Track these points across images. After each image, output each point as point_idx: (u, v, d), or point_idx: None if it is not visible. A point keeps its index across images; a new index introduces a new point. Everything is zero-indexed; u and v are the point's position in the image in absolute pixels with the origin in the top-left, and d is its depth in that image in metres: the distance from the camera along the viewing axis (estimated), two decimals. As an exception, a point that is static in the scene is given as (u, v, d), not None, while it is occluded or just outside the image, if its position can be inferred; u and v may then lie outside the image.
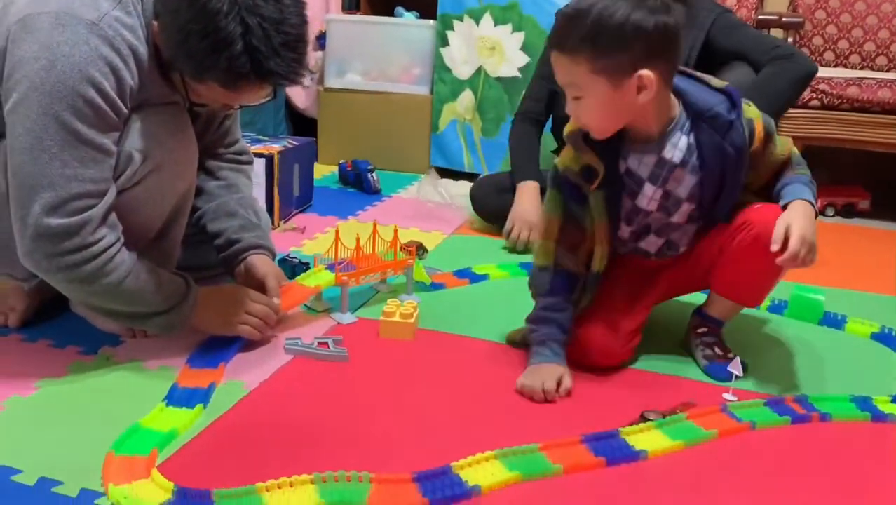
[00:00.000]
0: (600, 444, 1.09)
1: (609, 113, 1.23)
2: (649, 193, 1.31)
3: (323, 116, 2.94)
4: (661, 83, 1.20)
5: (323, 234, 2.07)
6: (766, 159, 1.32)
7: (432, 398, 1.24)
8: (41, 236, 1.11)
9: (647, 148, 1.28)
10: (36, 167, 1.10)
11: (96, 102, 1.12)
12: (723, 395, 1.28)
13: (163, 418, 1.10)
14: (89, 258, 1.14)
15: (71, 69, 1.09)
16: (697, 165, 1.29)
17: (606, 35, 1.15)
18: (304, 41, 1.16)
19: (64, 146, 1.10)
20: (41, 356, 1.30)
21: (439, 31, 2.77)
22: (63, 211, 1.11)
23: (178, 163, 1.28)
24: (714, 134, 1.26)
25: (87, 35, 1.11)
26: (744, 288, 1.37)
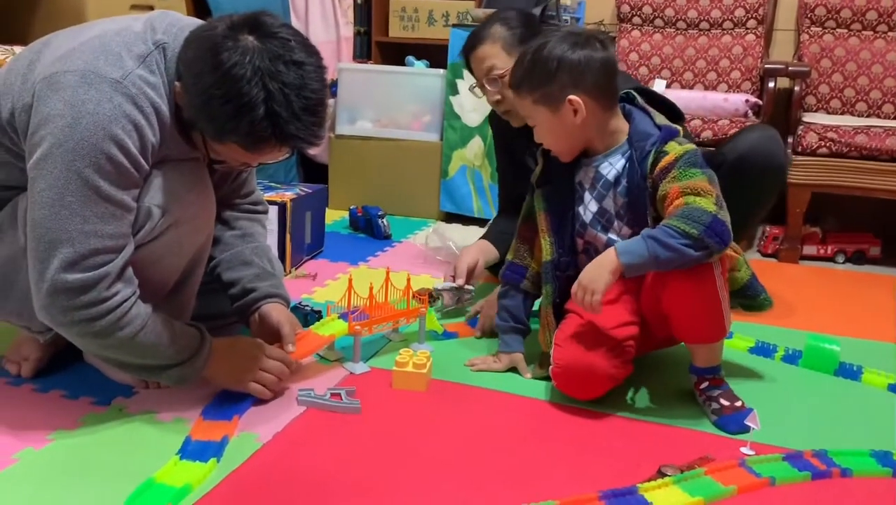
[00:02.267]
0: (618, 500, 1.08)
1: (558, 136, 1.42)
2: (588, 204, 1.45)
3: (334, 163, 2.97)
4: (596, 107, 1.37)
5: (335, 281, 2.07)
6: (660, 192, 1.33)
7: (447, 451, 1.22)
8: (58, 291, 1.12)
9: (590, 162, 1.44)
10: (56, 222, 1.11)
11: (118, 160, 1.13)
12: (741, 448, 1.26)
13: (176, 473, 1.10)
14: (104, 313, 1.14)
15: (95, 127, 1.11)
16: (626, 188, 1.39)
17: (538, 70, 1.36)
18: (323, 105, 1.18)
19: (85, 202, 1.11)
20: (54, 407, 1.30)
21: (449, 80, 2.81)
22: (81, 267, 1.12)
23: (196, 217, 1.29)
24: (635, 161, 1.38)
25: (111, 93, 1.13)
26: (698, 327, 1.36)
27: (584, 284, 1.30)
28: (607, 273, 1.28)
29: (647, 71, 2.89)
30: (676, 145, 1.35)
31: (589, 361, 1.35)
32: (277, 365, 1.35)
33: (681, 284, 1.29)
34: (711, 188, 1.30)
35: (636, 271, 1.29)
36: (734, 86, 2.79)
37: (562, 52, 1.35)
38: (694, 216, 1.25)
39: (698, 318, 1.33)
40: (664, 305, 1.34)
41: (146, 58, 1.17)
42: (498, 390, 1.45)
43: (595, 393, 1.38)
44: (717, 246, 1.25)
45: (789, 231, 2.53)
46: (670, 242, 1.24)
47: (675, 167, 1.32)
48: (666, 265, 1.26)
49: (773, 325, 1.83)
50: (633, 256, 1.27)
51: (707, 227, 1.24)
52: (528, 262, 1.55)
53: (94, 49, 1.15)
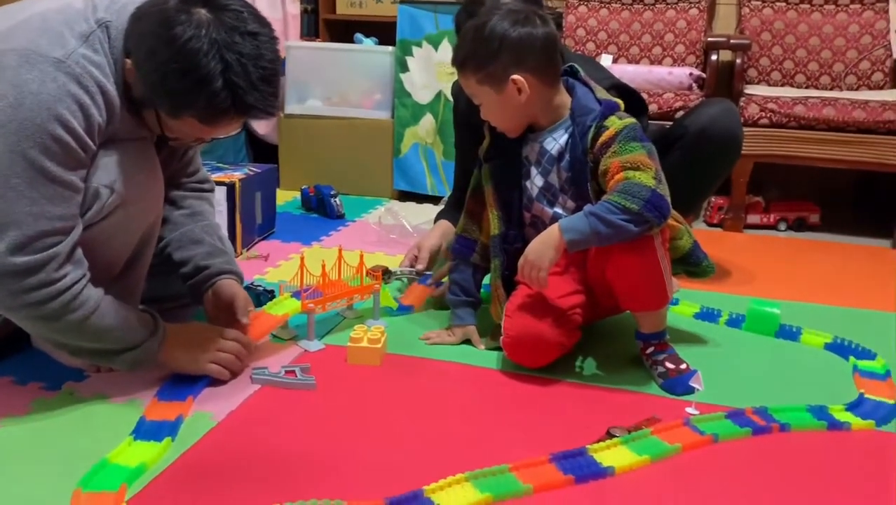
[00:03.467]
0: (568, 462, 1.11)
1: (503, 114, 1.43)
2: (534, 179, 1.47)
3: (284, 142, 2.95)
4: (540, 84, 1.39)
5: (287, 262, 2.07)
6: (601, 167, 1.36)
7: (402, 422, 1.24)
8: (5, 275, 1.10)
9: (536, 137, 1.46)
10: (2, 205, 1.09)
11: (64, 140, 1.11)
12: (686, 409, 1.31)
13: (131, 453, 1.09)
14: (55, 295, 1.13)
15: (38, 107, 1.08)
16: (569, 162, 1.42)
17: (480, 50, 1.37)
18: (278, 75, 1.18)
19: (32, 184, 1.09)
20: (2, 394, 1.28)
21: (398, 57, 2.80)
22: (29, 249, 1.10)
23: (144, 197, 1.28)
24: (577, 136, 1.40)
25: (54, 73, 1.10)
26: (641, 296, 1.40)
27: (531, 260, 1.33)
28: (552, 250, 1.31)
29: (594, 46, 2.92)
30: (616, 120, 1.38)
31: (538, 330, 1.38)
32: (234, 345, 1.35)
33: (623, 256, 1.33)
34: (651, 162, 1.33)
35: (579, 247, 1.32)
36: (679, 60, 2.84)
37: (503, 30, 1.35)
38: (633, 191, 1.27)
39: (641, 287, 1.37)
40: (608, 277, 1.38)
41: (89, 36, 1.15)
42: (452, 361, 1.47)
43: (544, 361, 1.41)
44: (656, 220, 1.28)
45: (733, 201, 2.60)
46: (611, 219, 1.27)
47: (616, 141, 1.35)
48: (607, 240, 1.29)
49: (717, 291, 1.90)
50: (575, 233, 1.29)
51: (646, 201, 1.26)
52: (476, 235, 1.57)
53: (34, 28, 1.13)
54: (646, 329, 1.44)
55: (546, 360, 1.41)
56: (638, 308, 1.43)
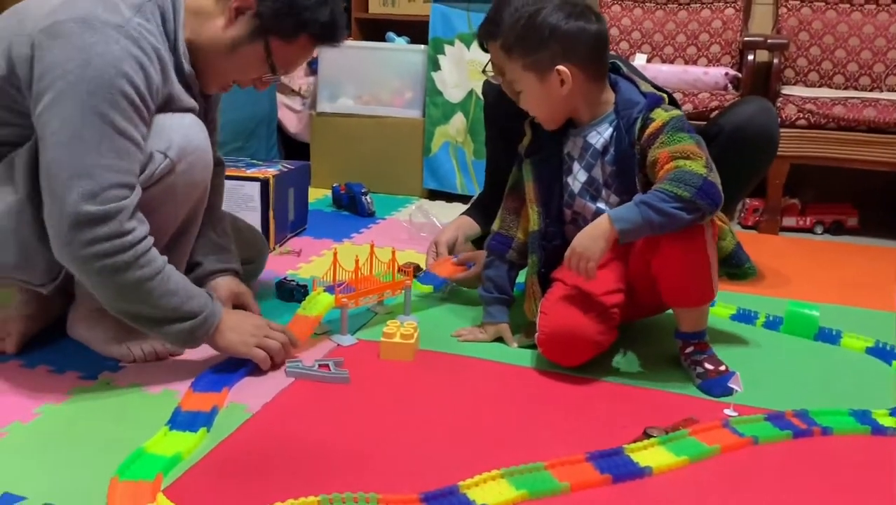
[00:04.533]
0: (605, 461, 1.10)
1: (542, 103, 1.43)
2: (577, 174, 1.46)
3: (315, 140, 2.96)
4: (584, 78, 1.39)
5: (319, 258, 2.07)
6: (649, 157, 1.35)
7: (436, 418, 1.24)
8: (80, 223, 1.12)
9: (579, 132, 1.45)
10: (74, 158, 1.12)
11: (131, 96, 1.16)
12: (724, 410, 1.29)
13: (166, 442, 1.10)
14: (126, 247, 1.15)
15: (106, 65, 1.14)
16: (614, 156, 1.40)
17: (530, 36, 1.37)
18: None
19: (102, 138, 1.13)
20: (41, 382, 1.29)
21: (430, 56, 2.80)
22: (100, 199, 1.13)
23: (193, 169, 1.29)
24: (622, 129, 1.39)
25: (116, 35, 1.16)
26: (686, 290, 1.37)
27: (579, 251, 1.31)
28: (602, 240, 1.29)
29: (627, 46, 2.90)
30: (662, 112, 1.37)
31: (574, 327, 1.36)
32: (281, 336, 1.36)
33: (672, 248, 1.31)
34: (701, 151, 1.32)
35: (631, 237, 1.30)
36: (714, 60, 2.81)
37: (556, 20, 1.36)
38: (685, 179, 1.26)
39: (687, 281, 1.35)
40: (654, 268, 1.35)
41: (141, 7, 1.22)
42: (484, 359, 1.46)
43: (580, 359, 1.39)
44: (708, 207, 1.27)
45: (769, 203, 2.56)
46: (663, 207, 1.25)
47: (663, 133, 1.34)
48: (660, 229, 1.27)
49: (753, 293, 1.86)
50: (626, 223, 1.28)
51: (698, 189, 1.25)
52: (514, 232, 1.56)
53: (88, 0, 1.18)
54: (686, 328, 1.41)
55: (581, 358, 1.39)
56: (682, 303, 1.40)
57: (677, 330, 1.43)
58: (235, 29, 1.29)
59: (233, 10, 1.28)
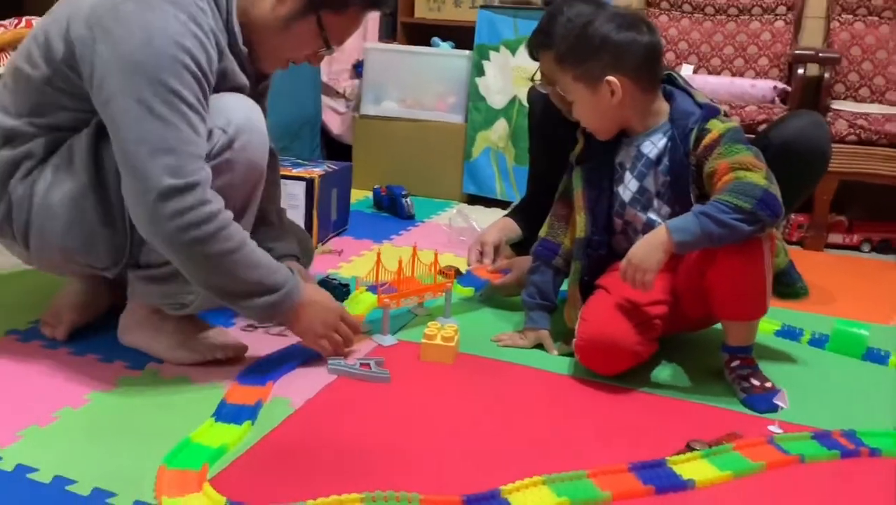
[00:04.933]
0: (648, 472, 1.09)
1: (596, 114, 1.43)
2: (628, 184, 1.45)
3: (358, 142, 2.99)
4: (635, 88, 1.38)
5: (359, 258, 2.08)
6: (704, 170, 1.34)
7: (476, 421, 1.24)
8: (165, 197, 1.13)
9: (631, 141, 1.44)
10: (150, 134, 1.14)
11: (193, 69, 1.17)
12: (769, 427, 1.27)
13: (212, 434, 1.11)
14: (210, 216, 1.16)
15: (168, 41, 1.15)
16: (668, 166, 1.39)
17: (581, 46, 1.38)
18: None
19: (174, 111, 1.15)
20: (90, 370, 1.32)
21: (475, 62, 2.81)
22: (181, 172, 1.14)
23: (252, 144, 1.29)
24: (677, 139, 1.38)
25: (174, 11, 1.17)
26: (741, 303, 1.35)
27: (636, 262, 1.30)
28: (660, 251, 1.28)
29: (673, 56, 2.87)
30: (719, 123, 1.36)
31: (613, 336, 1.35)
32: (347, 331, 1.39)
33: (730, 259, 1.29)
34: (760, 163, 1.30)
35: (688, 249, 1.29)
36: (762, 72, 2.77)
37: (607, 31, 1.36)
38: (745, 190, 1.25)
39: (743, 293, 1.33)
40: (709, 280, 1.33)
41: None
42: (524, 365, 1.46)
43: (618, 368, 1.38)
44: (769, 219, 1.25)
45: (815, 219, 2.52)
46: (722, 218, 1.24)
47: (721, 144, 1.32)
48: (718, 241, 1.26)
49: (798, 309, 1.82)
50: (685, 234, 1.26)
51: (759, 200, 1.24)
52: (561, 238, 1.55)
53: None
54: (734, 341, 1.39)
55: (619, 367, 1.38)
56: (734, 316, 1.38)
57: (724, 343, 1.41)
58: (287, 6, 1.29)
59: None
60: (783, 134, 1.77)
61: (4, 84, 1.30)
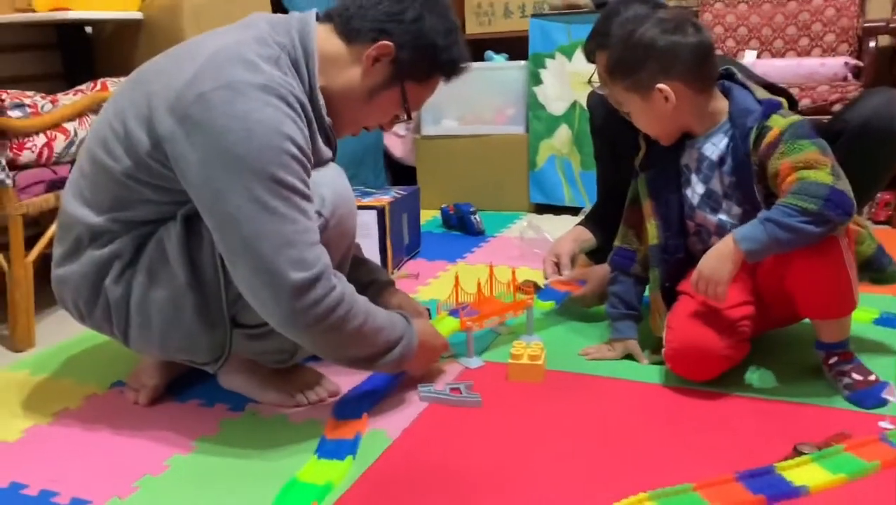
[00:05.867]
0: (756, 480, 1.06)
1: (653, 121, 1.41)
2: (695, 186, 1.43)
3: (421, 163, 3.02)
4: (689, 92, 1.35)
5: (436, 279, 2.10)
6: (770, 169, 1.29)
7: (572, 440, 1.23)
8: (299, 294, 1.13)
9: (693, 144, 1.42)
10: (269, 230, 1.11)
11: (298, 156, 1.15)
12: (878, 423, 1.22)
13: (317, 471, 1.14)
14: (340, 301, 1.17)
15: (268, 130, 1.12)
16: (732, 167, 1.36)
17: (628, 57, 1.36)
18: None
19: (287, 203, 1.13)
20: (195, 415, 1.37)
21: (531, 71, 2.81)
22: (305, 264, 1.13)
23: (346, 219, 1.32)
24: (738, 139, 1.35)
25: (266, 97, 1.14)
26: (826, 303, 1.31)
27: (706, 275, 1.28)
28: (729, 262, 1.25)
29: (734, 43, 2.80)
30: (780, 119, 1.32)
31: (703, 341, 1.33)
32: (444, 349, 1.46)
33: (806, 261, 1.25)
34: (825, 158, 1.25)
35: (759, 257, 1.25)
36: (829, 49, 2.68)
37: (651, 38, 1.33)
38: (810, 191, 1.21)
39: (826, 294, 1.29)
40: (788, 284, 1.30)
41: (277, 60, 1.20)
42: (614, 378, 1.44)
43: (711, 374, 1.35)
44: (839, 218, 1.20)
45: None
46: (789, 222, 1.20)
47: (782, 142, 1.28)
48: (788, 246, 1.22)
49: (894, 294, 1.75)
50: (753, 243, 1.23)
51: (826, 200, 1.19)
52: (636, 246, 1.54)
53: (225, 61, 1.15)
54: (827, 338, 1.35)
55: (712, 373, 1.35)
56: (822, 316, 1.34)
57: (818, 340, 1.37)
58: (372, 77, 1.28)
59: (370, 58, 1.26)
60: (860, 115, 1.71)
61: (81, 168, 1.28)
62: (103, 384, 1.52)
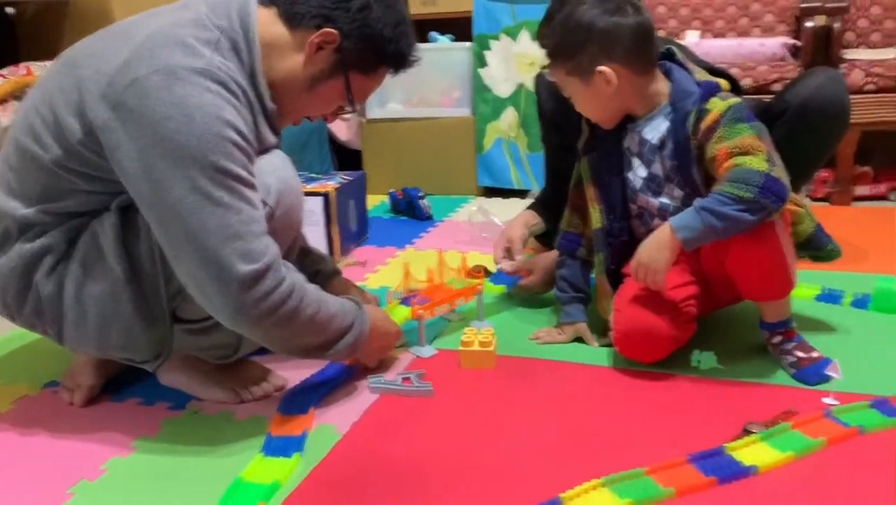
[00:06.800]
0: (708, 462, 1.07)
1: (594, 106, 1.40)
2: (637, 170, 1.42)
3: (367, 147, 2.97)
4: (630, 74, 1.34)
5: (385, 266, 2.07)
6: (708, 154, 1.29)
7: (525, 426, 1.22)
8: (246, 285, 1.08)
9: (635, 127, 1.41)
10: (214, 222, 1.07)
11: (240, 143, 1.11)
12: (823, 399, 1.24)
13: (263, 470, 1.10)
14: (291, 291, 1.13)
15: (209, 117, 1.07)
16: (672, 151, 1.36)
17: (567, 41, 1.33)
18: None
19: (232, 193, 1.08)
20: (133, 415, 1.31)
21: (476, 52, 2.78)
22: (254, 255, 1.09)
23: (293, 209, 1.27)
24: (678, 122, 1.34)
25: (206, 82, 1.08)
26: (765, 286, 1.33)
27: (644, 263, 1.28)
28: (666, 250, 1.26)
29: (676, 24, 2.82)
30: (718, 101, 1.31)
31: (649, 324, 1.33)
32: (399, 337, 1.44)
33: (743, 247, 1.26)
34: (761, 144, 1.25)
35: (695, 244, 1.26)
36: (769, 29, 2.72)
37: (590, 20, 1.31)
38: (745, 178, 1.20)
39: (765, 277, 1.30)
40: (728, 268, 1.31)
41: (217, 43, 1.14)
42: (566, 361, 1.44)
43: (658, 355, 1.36)
44: (774, 205, 1.21)
45: (840, 173, 2.47)
46: (724, 211, 1.20)
47: (720, 125, 1.28)
48: (724, 234, 1.23)
49: (834, 270, 1.78)
50: (688, 231, 1.24)
51: (761, 188, 1.19)
52: (582, 229, 1.53)
53: (162, 44, 1.09)
54: (770, 318, 1.36)
55: (659, 354, 1.36)
56: (761, 298, 1.36)
57: (762, 321, 1.38)
58: (315, 65, 1.22)
59: (313, 46, 1.21)
60: (800, 94, 1.73)
61: (6, 158, 1.21)
62: (35, 385, 1.44)
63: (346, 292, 1.46)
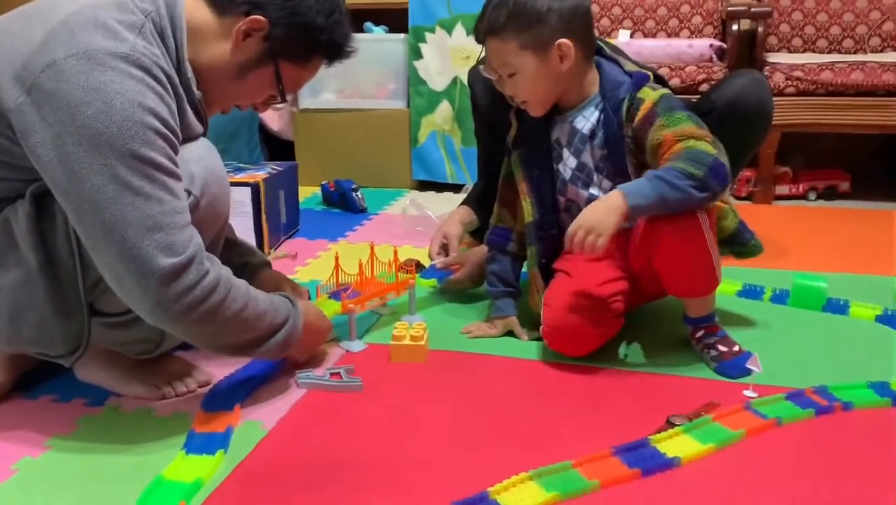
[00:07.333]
0: (632, 454, 1.08)
1: (540, 84, 1.38)
2: (567, 161, 1.44)
3: (300, 138, 2.92)
4: (580, 55, 1.35)
5: (316, 259, 2.04)
6: (647, 142, 1.33)
7: (455, 420, 1.22)
8: (167, 279, 1.04)
9: (565, 118, 1.43)
10: (134, 213, 1.02)
11: (162, 130, 1.06)
12: (743, 392, 1.28)
13: (185, 468, 1.07)
14: (215, 285, 1.09)
15: (129, 104, 1.03)
16: (603, 140, 1.38)
17: (526, 12, 1.31)
18: None
19: (153, 182, 1.04)
20: (46, 413, 1.25)
21: (411, 44, 2.76)
22: (177, 247, 1.05)
23: (218, 198, 1.24)
24: (609, 111, 1.36)
25: (127, 67, 1.04)
26: (690, 283, 1.36)
27: (588, 225, 1.25)
28: (615, 215, 1.25)
29: (608, 22, 2.86)
30: (650, 91, 1.35)
31: (577, 320, 1.34)
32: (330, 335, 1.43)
33: (670, 244, 1.29)
34: (703, 132, 1.30)
35: (643, 213, 1.27)
36: (696, 31, 2.79)
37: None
38: (697, 158, 1.24)
39: (690, 274, 1.34)
40: (655, 264, 1.34)
41: (141, 28, 1.09)
42: (496, 355, 1.44)
43: (586, 349, 1.38)
44: (718, 187, 1.25)
45: (761, 173, 2.56)
46: (677, 183, 1.24)
47: (659, 115, 1.31)
48: (673, 206, 1.25)
49: (755, 267, 1.85)
50: (640, 197, 1.25)
51: (710, 168, 1.24)
52: (511, 224, 1.54)
53: (82, 27, 1.04)
54: (694, 313, 1.40)
55: (587, 348, 1.38)
56: (687, 294, 1.39)
57: (685, 315, 1.42)
58: (243, 53, 1.19)
59: (241, 33, 1.17)
60: (726, 95, 1.78)
61: None
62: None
63: (277, 285, 1.43)
